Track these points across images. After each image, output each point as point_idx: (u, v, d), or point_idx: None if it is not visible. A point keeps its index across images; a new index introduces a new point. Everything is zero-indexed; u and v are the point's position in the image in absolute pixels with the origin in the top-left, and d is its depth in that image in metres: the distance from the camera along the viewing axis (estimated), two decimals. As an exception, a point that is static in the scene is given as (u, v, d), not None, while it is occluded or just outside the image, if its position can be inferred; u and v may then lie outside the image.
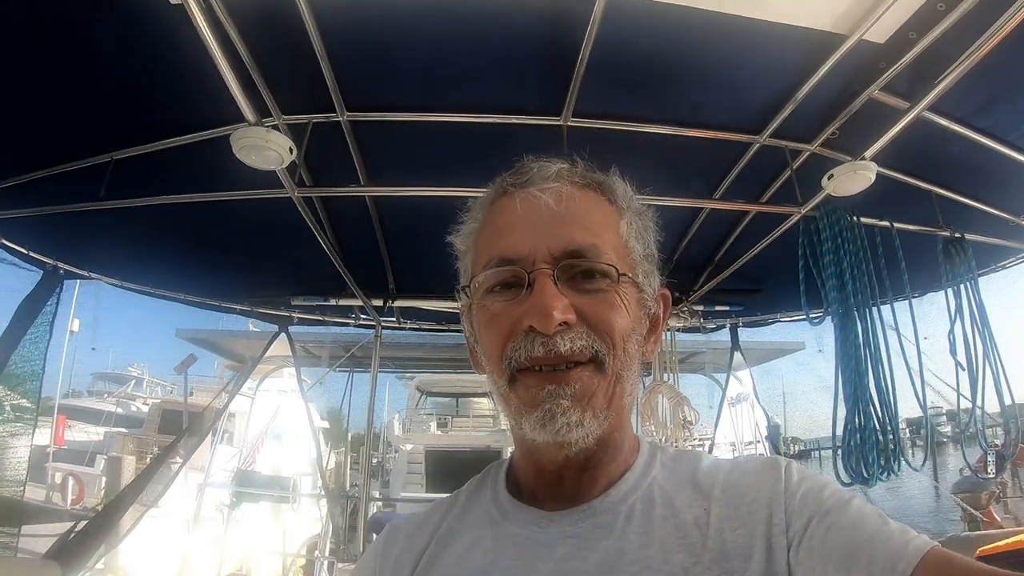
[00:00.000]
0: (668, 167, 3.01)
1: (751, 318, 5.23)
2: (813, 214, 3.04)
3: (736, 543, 0.79)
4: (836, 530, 0.75)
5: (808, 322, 3.21)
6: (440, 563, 0.91)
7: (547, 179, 0.89)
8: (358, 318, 4.96)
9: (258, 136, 2.16)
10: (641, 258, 0.94)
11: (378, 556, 0.99)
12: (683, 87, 2.53)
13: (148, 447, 16.02)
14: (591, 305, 0.84)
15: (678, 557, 0.79)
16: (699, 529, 0.81)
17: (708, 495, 0.86)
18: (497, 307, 0.86)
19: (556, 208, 0.86)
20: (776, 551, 0.77)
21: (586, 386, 0.83)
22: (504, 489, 0.97)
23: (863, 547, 0.71)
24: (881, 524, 0.74)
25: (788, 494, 0.82)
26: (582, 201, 0.90)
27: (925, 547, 0.70)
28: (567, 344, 0.81)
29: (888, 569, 0.68)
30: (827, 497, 0.80)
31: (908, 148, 2.60)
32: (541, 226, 0.86)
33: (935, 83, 2.23)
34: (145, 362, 27.57)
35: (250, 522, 11.28)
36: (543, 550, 0.85)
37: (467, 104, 2.60)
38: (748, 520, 0.81)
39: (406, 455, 14.98)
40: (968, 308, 3.29)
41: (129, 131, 2.72)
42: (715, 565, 0.77)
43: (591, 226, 0.88)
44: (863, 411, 2.91)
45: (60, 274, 3.53)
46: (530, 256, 0.84)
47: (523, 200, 0.88)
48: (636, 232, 0.94)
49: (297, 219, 3.01)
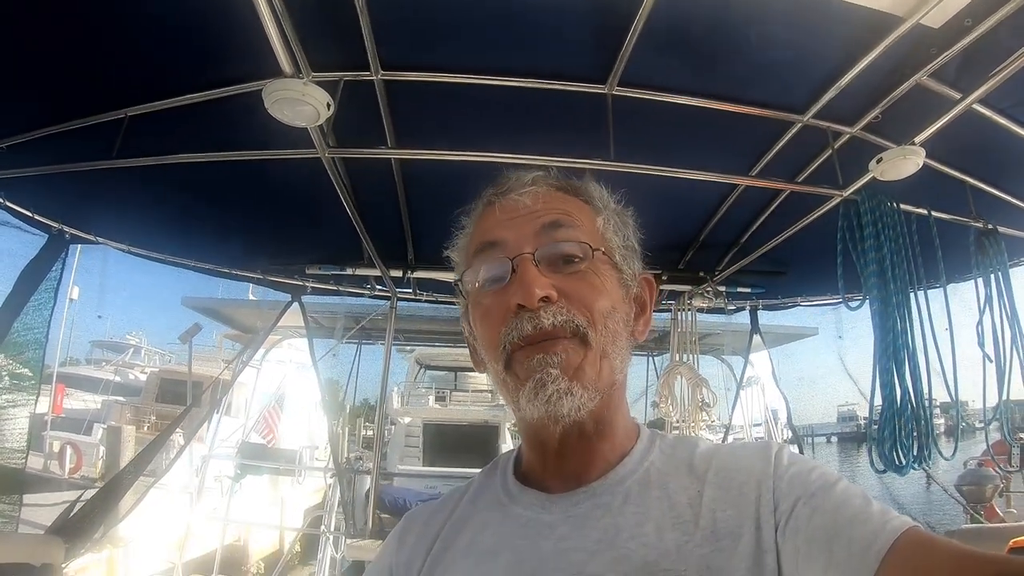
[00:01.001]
0: (705, 142, 2.95)
1: (772, 301, 5.18)
2: (854, 198, 2.95)
3: (727, 522, 0.84)
4: (820, 512, 0.79)
5: (845, 307, 3.12)
6: (453, 546, 0.98)
7: (524, 185, 0.99)
8: (373, 288, 4.87)
9: (295, 89, 2.03)
10: (619, 247, 1.00)
11: (394, 547, 1.07)
12: (733, 61, 2.45)
13: (146, 416, 16.07)
14: (570, 283, 0.91)
15: (671, 535, 0.84)
16: (692, 509, 0.87)
17: (702, 478, 0.91)
18: (489, 299, 0.95)
19: (534, 205, 0.96)
20: (764, 531, 0.82)
21: (572, 357, 0.89)
22: (512, 475, 1.04)
23: (843, 528, 0.75)
24: (863, 506, 0.78)
25: (776, 476, 0.87)
26: (557, 197, 0.99)
27: (902, 527, 0.73)
28: (549, 319, 0.88)
29: (864, 549, 0.72)
30: (814, 479, 0.84)
31: (945, 136, 2.52)
32: (520, 219, 0.96)
33: (990, 74, 2.16)
34: (143, 331, 27.48)
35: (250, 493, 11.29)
36: (546, 529, 0.91)
37: (507, 67, 2.49)
38: (739, 501, 0.86)
39: (404, 428, 14.97)
40: (998, 300, 3.23)
41: (146, 86, 2.58)
42: (706, 543, 0.82)
43: (568, 213, 0.97)
44: (900, 398, 2.84)
45: (66, 238, 3.41)
46: (513, 242, 0.93)
47: (503, 205, 0.99)
48: (613, 227, 1.01)
49: (319, 184, 2.89)
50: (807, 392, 6.37)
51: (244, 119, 2.46)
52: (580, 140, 2.65)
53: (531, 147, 2.60)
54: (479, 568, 0.92)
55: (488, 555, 0.92)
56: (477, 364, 1.04)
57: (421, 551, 1.00)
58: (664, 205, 3.34)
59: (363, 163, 3.14)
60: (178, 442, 7.37)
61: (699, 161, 2.86)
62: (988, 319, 3.20)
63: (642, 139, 2.73)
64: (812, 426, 28.72)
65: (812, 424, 24.70)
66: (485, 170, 2.70)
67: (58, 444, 12.21)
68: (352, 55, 2.37)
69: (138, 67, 2.49)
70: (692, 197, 3.52)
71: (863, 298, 2.99)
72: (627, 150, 2.59)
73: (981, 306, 3.23)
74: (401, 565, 1.02)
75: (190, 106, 2.61)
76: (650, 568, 0.82)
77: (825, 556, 0.75)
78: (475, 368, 1.05)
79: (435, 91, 2.59)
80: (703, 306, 4.71)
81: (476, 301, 0.98)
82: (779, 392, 5.86)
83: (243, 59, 2.31)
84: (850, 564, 0.73)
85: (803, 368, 6.89)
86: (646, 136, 2.81)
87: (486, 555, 0.92)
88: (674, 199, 3.38)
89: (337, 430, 7.56)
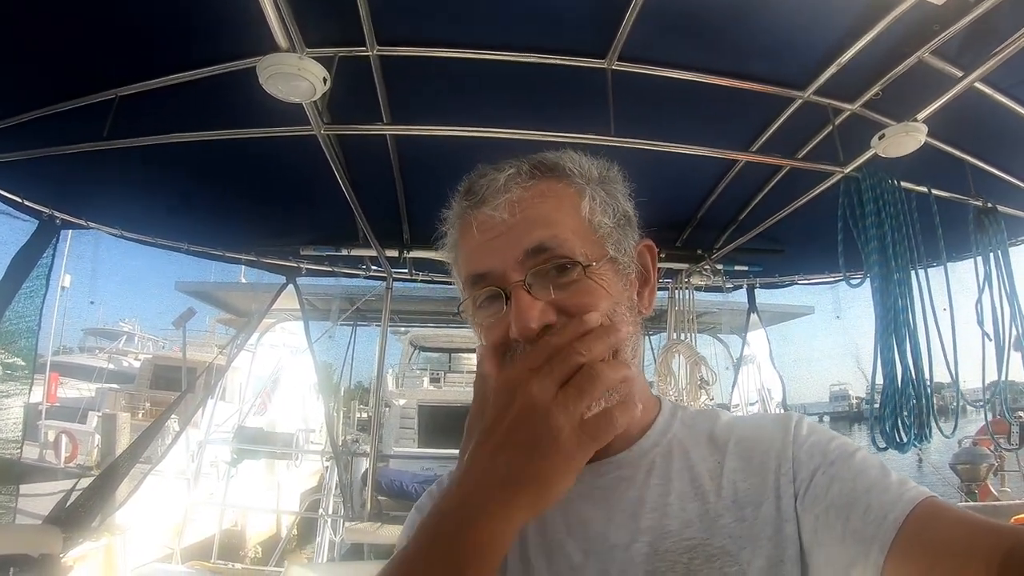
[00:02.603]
0: (705, 118, 2.93)
1: (769, 279, 5.18)
2: (856, 175, 2.94)
3: (748, 492, 0.86)
4: (839, 481, 0.80)
5: (847, 284, 3.11)
6: None
7: (497, 192, 0.91)
8: (369, 269, 4.84)
9: (290, 63, 1.98)
10: (611, 229, 0.94)
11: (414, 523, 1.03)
12: (733, 36, 2.43)
13: (140, 403, 16.00)
14: (569, 298, 0.87)
15: (693, 505, 0.86)
16: (713, 480, 0.88)
17: (723, 449, 0.92)
18: (488, 321, 0.92)
19: (511, 219, 0.89)
20: (784, 499, 0.83)
21: None
22: None
23: (861, 496, 0.76)
24: (881, 475, 0.79)
25: (796, 446, 0.88)
26: (534, 199, 0.91)
27: (919, 497, 0.74)
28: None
29: (881, 518, 0.73)
30: (833, 449, 0.85)
31: (946, 114, 2.50)
32: (500, 240, 0.89)
33: (992, 52, 2.14)
34: (137, 317, 27.31)
35: (246, 478, 11.29)
36: (572, 500, 0.89)
37: (505, 42, 2.45)
38: (759, 470, 0.87)
39: (399, 410, 15.00)
40: (997, 279, 3.23)
41: (136, 65, 2.54)
42: (727, 512, 0.84)
43: (548, 218, 0.90)
44: (902, 376, 2.84)
45: (57, 224, 3.37)
46: (500, 271, 0.88)
47: (479, 223, 0.91)
48: (600, 205, 0.94)
49: (312, 163, 2.85)
50: (802, 372, 6.38)
51: (237, 97, 2.42)
52: (579, 115, 2.61)
53: (529, 123, 2.58)
54: None
55: None
56: None
57: None
58: (663, 182, 3.32)
59: (358, 140, 3.10)
60: (173, 428, 7.35)
61: (699, 137, 2.84)
62: (987, 298, 3.20)
63: (642, 114, 2.71)
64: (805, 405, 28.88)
65: (805, 404, 24.79)
66: (482, 146, 2.68)
67: (53, 433, 12.12)
68: (347, 30, 2.33)
69: (128, 45, 2.44)
70: (691, 174, 3.50)
71: (864, 275, 2.98)
72: (627, 125, 2.57)
73: (980, 285, 3.23)
74: None
75: (182, 84, 2.57)
76: (673, 537, 0.84)
77: (842, 524, 0.76)
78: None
79: (431, 67, 2.55)
80: (701, 284, 4.71)
81: (475, 321, 0.95)
82: (775, 371, 5.88)
83: (236, 35, 2.26)
84: (867, 532, 0.73)
85: (798, 347, 6.90)
86: (646, 111, 2.79)
87: None
88: (673, 176, 3.36)
89: (333, 412, 7.54)
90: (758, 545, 0.81)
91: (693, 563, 0.81)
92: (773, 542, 0.81)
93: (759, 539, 0.81)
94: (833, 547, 0.77)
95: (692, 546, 0.82)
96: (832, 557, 0.77)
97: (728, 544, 0.82)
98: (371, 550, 6.02)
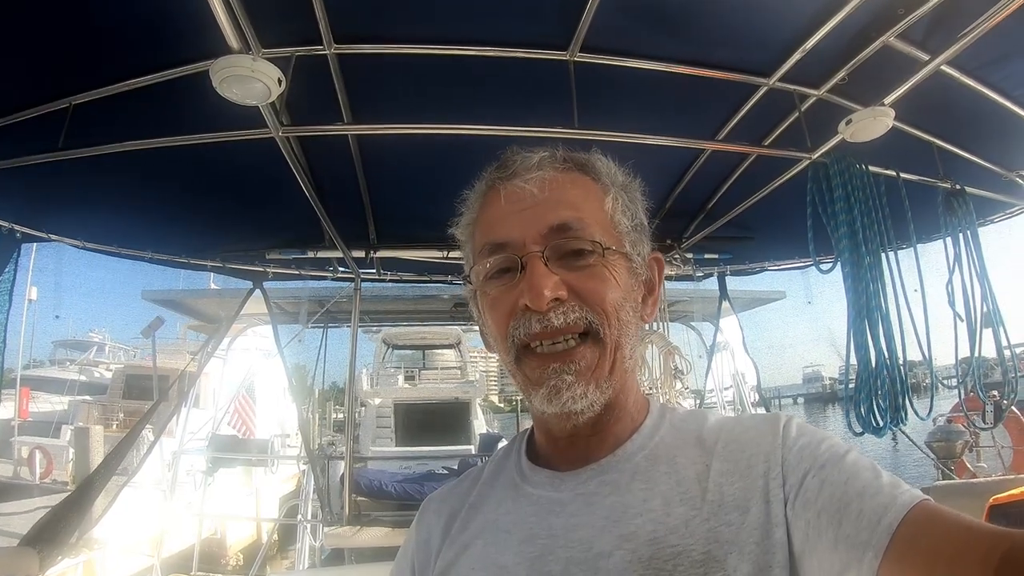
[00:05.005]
0: (670, 108, 2.91)
1: (739, 266, 5.20)
2: (824, 160, 2.95)
3: (734, 496, 0.84)
4: (829, 484, 0.78)
5: (816, 269, 3.13)
6: (472, 525, 1.00)
7: (530, 169, 0.95)
8: (336, 271, 4.79)
9: (243, 65, 1.93)
10: (629, 230, 0.98)
11: (413, 529, 1.10)
12: (697, 24, 2.41)
13: (114, 414, 15.80)
14: (582, 280, 0.90)
15: (679, 510, 0.85)
16: (699, 484, 0.87)
17: (711, 451, 0.91)
18: (496, 291, 0.94)
19: (540, 194, 0.93)
20: (773, 505, 0.82)
21: (589, 362, 0.90)
22: (524, 455, 1.05)
23: (853, 500, 0.75)
24: (873, 477, 0.77)
25: (785, 449, 0.86)
26: (565, 182, 0.96)
27: (913, 501, 0.72)
28: (560, 319, 0.88)
29: (875, 523, 0.71)
30: (823, 451, 0.83)
31: (912, 98, 2.51)
32: (528, 213, 0.92)
33: (959, 35, 2.14)
34: (106, 327, 26.96)
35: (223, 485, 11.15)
36: (557, 507, 0.92)
37: (465, 36, 2.41)
38: (746, 474, 0.86)
39: (375, 410, 14.99)
40: (967, 258, 3.29)
41: (90, 72, 2.46)
42: (713, 517, 0.83)
43: (575, 202, 0.94)
44: (876, 360, 2.85)
45: (17, 238, 3.27)
46: (520, 241, 0.91)
47: (508, 192, 0.95)
48: (622, 207, 0.99)
49: (273, 165, 2.79)
50: (775, 356, 6.45)
51: (194, 101, 2.36)
52: (543, 108, 2.60)
53: (492, 118, 2.55)
54: (494, 545, 0.94)
55: (503, 533, 0.95)
56: (487, 346, 1.04)
57: (439, 529, 1.04)
58: (629, 173, 3.28)
59: (319, 141, 3.05)
60: (148, 438, 7.23)
61: (664, 127, 2.83)
62: (957, 278, 3.22)
63: (606, 106, 2.70)
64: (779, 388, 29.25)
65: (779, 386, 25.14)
66: (445, 143, 2.66)
67: (27, 449, 11.96)
68: (304, 29, 2.28)
69: (80, 52, 2.36)
70: (658, 164, 3.47)
71: (834, 260, 2.98)
72: (591, 118, 2.55)
73: (950, 265, 3.27)
74: (421, 543, 1.06)
75: (137, 90, 2.50)
76: (657, 543, 0.83)
77: (834, 529, 0.75)
78: (486, 348, 1.05)
79: (391, 64, 2.51)
80: (671, 274, 4.73)
81: (483, 290, 0.97)
82: (748, 357, 5.92)
83: (190, 38, 2.20)
84: (860, 537, 0.72)
85: (772, 332, 6.97)
86: (610, 103, 2.77)
87: (501, 533, 0.95)
88: (639, 167, 3.30)
89: (307, 415, 7.47)
90: (745, 550, 0.80)
91: (678, 570, 0.80)
92: (761, 547, 0.79)
93: (746, 544, 0.80)
94: (825, 553, 0.75)
95: (677, 552, 0.81)
96: (824, 563, 0.76)
97: (714, 549, 0.80)
98: (352, 554, 5.96)
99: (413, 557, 1.07)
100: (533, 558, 0.89)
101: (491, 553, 0.94)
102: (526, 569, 0.88)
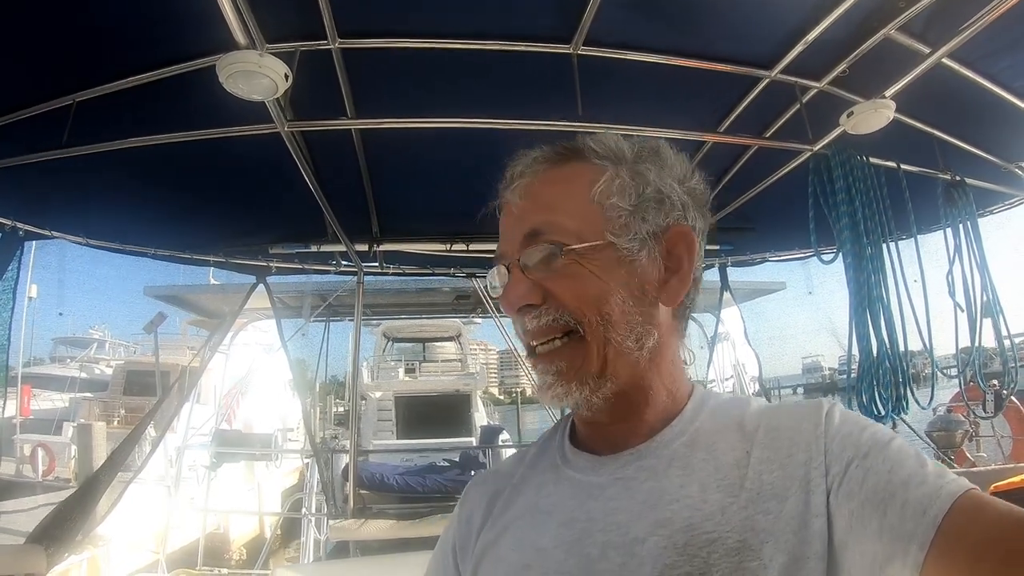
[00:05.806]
0: (672, 100, 2.92)
1: (741, 257, 5.19)
2: (825, 152, 2.96)
3: (773, 485, 0.82)
4: (873, 473, 0.76)
5: (818, 260, 3.14)
6: (513, 507, 1.01)
7: (515, 178, 0.97)
8: (339, 265, 4.79)
9: (250, 61, 1.94)
10: (627, 212, 0.93)
11: (456, 509, 1.13)
12: (699, 17, 2.43)
13: (115, 410, 15.80)
14: (554, 282, 0.91)
15: (715, 496, 0.83)
16: (738, 470, 0.85)
17: (751, 438, 0.89)
18: (498, 293, 0.99)
19: (521, 202, 0.95)
20: (813, 495, 0.79)
21: (569, 361, 0.92)
22: (567, 439, 1.05)
23: (897, 490, 0.73)
24: (918, 467, 0.75)
25: (828, 438, 0.83)
26: (546, 183, 0.96)
27: (959, 491, 0.70)
28: (533, 323, 0.92)
29: (920, 514, 0.70)
30: (865, 440, 0.81)
31: (913, 90, 2.52)
32: (511, 222, 0.97)
33: (959, 28, 2.15)
34: (107, 323, 26.83)
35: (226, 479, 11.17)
36: (596, 490, 0.92)
37: (468, 30, 2.43)
38: (787, 463, 0.84)
39: (375, 403, 15.02)
40: (967, 249, 3.31)
41: (93, 69, 2.47)
42: (751, 505, 0.81)
43: (550, 203, 0.94)
44: (877, 350, 2.87)
45: (20, 235, 3.28)
46: (506, 252, 0.96)
47: (504, 207, 0.99)
48: (619, 186, 0.94)
49: (277, 160, 2.81)
50: (776, 346, 6.46)
51: (198, 97, 2.37)
52: (546, 101, 2.61)
53: (496, 111, 2.57)
54: (534, 527, 0.95)
55: (543, 515, 0.96)
56: None
57: (481, 508, 1.05)
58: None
59: (323, 136, 3.06)
60: (151, 435, 7.24)
61: (667, 119, 2.82)
62: (958, 269, 3.24)
63: (609, 99, 2.70)
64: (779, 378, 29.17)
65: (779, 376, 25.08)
66: (448, 137, 2.66)
67: (29, 447, 11.97)
68: (308, 24, 2.28)
69: (83, 49, 2.37)
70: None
71: (835, 251, 3.00)
72: (594, 110, 2.56)
73: (951, 256, 3.28)
74: (463, 521, 1.08)
75: (141, 87, 2.51)
76: (692, 530, 0.82)
77: (878, 520, 0.73)
78: None
79: (395, 58, 2.52)
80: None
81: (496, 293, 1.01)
82: (749, 347, 5.93)
83: (194, 34, 2.21)
84: (904, 529, 0.70)
85: (772, 322, 6.96)
86: (613, 96, 2.77)
87: (541, 515, 0.96)
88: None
89: (309, 409, 7.48)
90: (781, 540, 0.78)
91: (712, 557, 0.79)
92: (799, 537, 0.78)
93: (783, 533, 0.78)
94: (868, 544, 0.74)
95: (712, 539, 0.80)
96: (867, 554, 0.74)
97: (750, 538, 0.79)
98: (357, 546, 5.97)
99: (455, 534, 1.08)
100: (571, 542, 0.89)
101: (530, 536, 0.94)
102: (564, 552, 0.89)
